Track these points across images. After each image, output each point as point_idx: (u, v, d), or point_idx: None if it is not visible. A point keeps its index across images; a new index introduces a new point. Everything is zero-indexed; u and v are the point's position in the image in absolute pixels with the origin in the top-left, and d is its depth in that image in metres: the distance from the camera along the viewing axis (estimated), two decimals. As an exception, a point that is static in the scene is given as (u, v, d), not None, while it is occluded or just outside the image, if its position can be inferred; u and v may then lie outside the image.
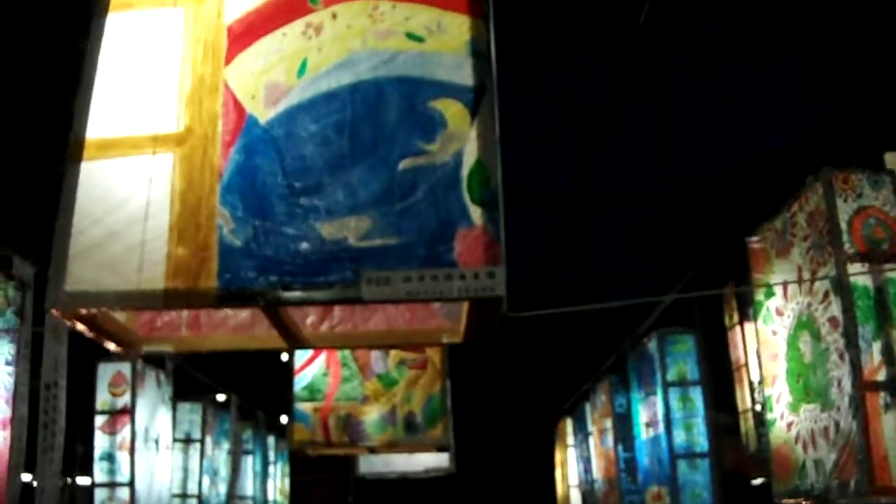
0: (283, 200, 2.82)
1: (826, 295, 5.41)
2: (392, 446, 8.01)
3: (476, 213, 2.75)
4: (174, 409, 10.69)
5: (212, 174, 2.88)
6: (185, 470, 11.13)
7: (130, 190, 2.89)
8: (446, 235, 2.72)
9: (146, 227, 2.82)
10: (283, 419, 14.80)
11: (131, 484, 8.48)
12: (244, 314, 3.41)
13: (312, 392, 7.91)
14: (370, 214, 2.77)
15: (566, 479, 15.38)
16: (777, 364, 6.12)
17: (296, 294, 2.68)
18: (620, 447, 10.74)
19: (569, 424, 15.12)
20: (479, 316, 2.97)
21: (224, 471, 12.30)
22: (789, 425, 5.91)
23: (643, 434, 9.51)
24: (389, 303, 2.75)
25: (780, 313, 6.07)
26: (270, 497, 15.75)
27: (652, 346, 9.06)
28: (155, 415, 9.32)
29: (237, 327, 3.39)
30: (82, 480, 9.67)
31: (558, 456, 16.29)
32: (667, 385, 8.69)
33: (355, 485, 18.84)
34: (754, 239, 6.45)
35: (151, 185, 2.89)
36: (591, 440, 12.63)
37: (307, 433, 7.78)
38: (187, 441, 11.27)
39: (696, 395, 8.68)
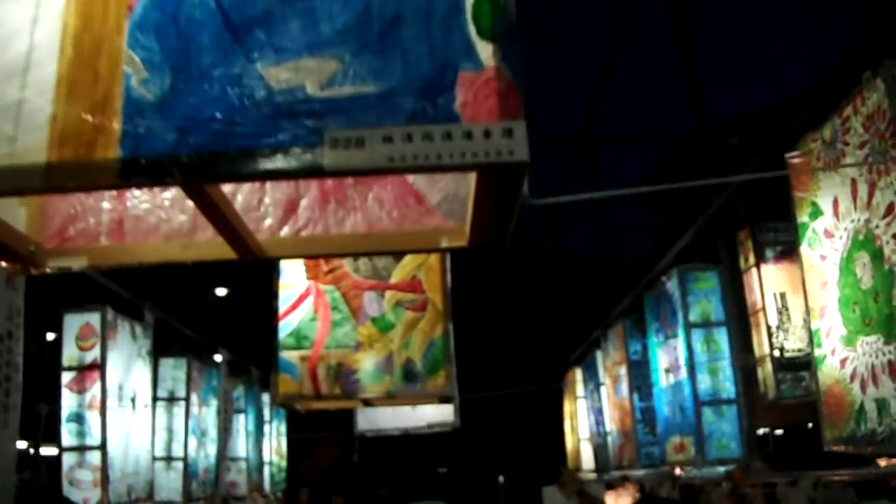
0: (215, 39, 2.00)
1: (890, 208, 4.63)
2: (390, 398, 7.18)
3: (486, 50, 1.94)
4: (155, 366, 9.93)
5: (118, 8, 2.06)
6: (170, 431, 10.37)
7: (6, 35, 2.08)
8: (444, 81, 1.92)
9: (26, 81, 2.02)
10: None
11: (103, 447, 7.70)
12: (181, 217, 2.61)
13: (299, 339, 7.10)
14: (336, 53, 1.96)
15: (576, 432, 14.68)
16: (826, 293, 5.35)
17: (229, 164, 1.87)
18: (636, 396, 10.01)
19: (578, 375, 14.39)
20: (491, 199, 2.15)
21: (213, 431, 11.54)
22: (843, 362, 5.14)
23: (662, 381, 8.75)
24: (363, 173, 1.95)
25: (829, 235, 5.29)
26: (266, 458, 15.01)
27: (672, 284, 8.28)
28: (130, 371, 8.53)
29: (172, 234, 2.59)
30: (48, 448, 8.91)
31: (567, 408, 15.58)
32: (689, 326, 7.92)
33: (359, 443, 18.03)
34: (794, 153, 5.65)
35: (36, 26, 2.07)
36: (604, 390, 11.90)
37: (294, 385, 6.98)
38: (171, 400, 10.51)
39: (722, 336, 7.94)
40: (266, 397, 14.79)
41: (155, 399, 9.81)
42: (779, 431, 11.95)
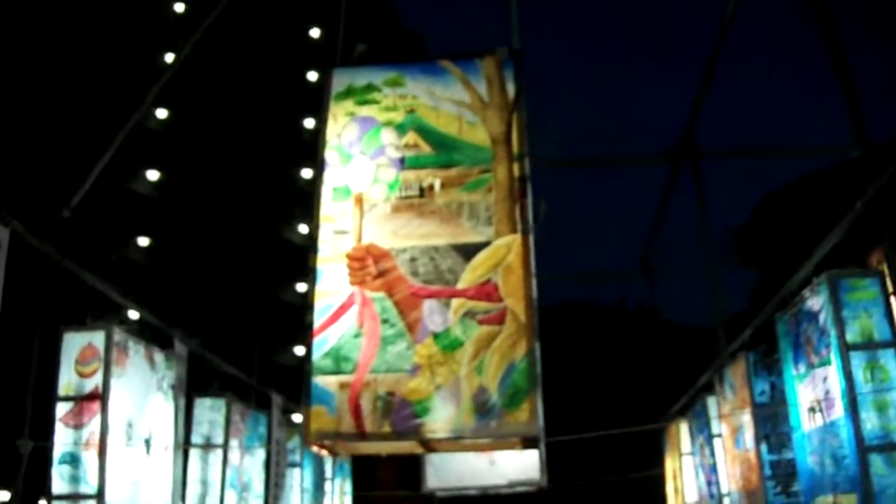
0: None
1: None
2: (457, 439, 5.51)
3: None
4: (189, 405, 8.43)
5: None
6: (204, 483, 8.80)
7: None
8: None
9: None
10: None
11: (99, 496, 6.17)
12: None
13: (338, 361, 5.52)
14: None
15: (681, 495, 12.67)
16: None
17: None
18: (765, 447, 8.13)
19: (682, 428, 12.47)
20: None
21: (259, 486, 9.94)
22: None
23: (806, 424, 6.90)
24: None
25: None
26: (327, 520, 13.32)
27: (819, 297, 6.48)
28: (144, 405, 7.03)
29: None
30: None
31: (669, 466, 13.62)
32: (847, 348, 6.10)
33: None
34: None
35: None
36: (718, 443, 9.99)
37: (330, 420, 5.36)
38: (207, 447, 8.95)
39: (889, 360, 6.10)
40: (328, 450, 13.10)
41: (186, 444, 8.27)
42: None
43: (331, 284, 5.72)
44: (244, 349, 12.26)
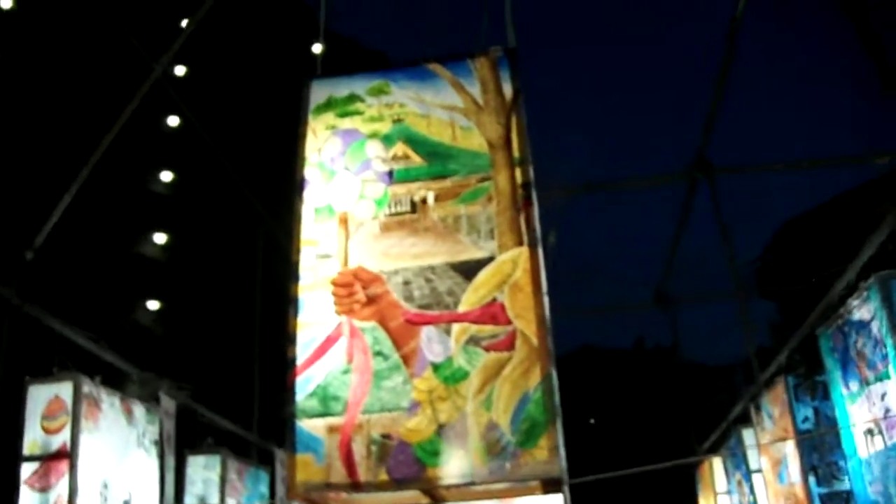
0: None
1: None
2: (466, 485, 4.77)
3: None
4: (180, 463, 7.72)
5: None
6: (200, 550, 8.06)
7: None
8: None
9: None
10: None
11: (65, 571, 5.45)
12: None
13: (325, 401, 4.81)
14: None
15: (719, 538, 11.84)
16: None
17: None
18: (812, 479, 7.34)
19: (716, 465, 11.66)
20: None
21: (261, 551, 9.19)
22: None
23: (863, 449, 6.13)
24: None
25: None
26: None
27: (869, 305, 5.74)
28: (122, 464, 6.31)
29: None
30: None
31: (704, 509, 12.79)
32: (907, 358, 5.38)
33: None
34: None
35: None
36: (758, 479, 9.19)
37: (318, 469, 4.65)
38: (203, 509, 8.21)
39: (959, 371, 5.36)
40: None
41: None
42: None
43: (314, 315, 5.03)
44: (243, 402, 11.55)
